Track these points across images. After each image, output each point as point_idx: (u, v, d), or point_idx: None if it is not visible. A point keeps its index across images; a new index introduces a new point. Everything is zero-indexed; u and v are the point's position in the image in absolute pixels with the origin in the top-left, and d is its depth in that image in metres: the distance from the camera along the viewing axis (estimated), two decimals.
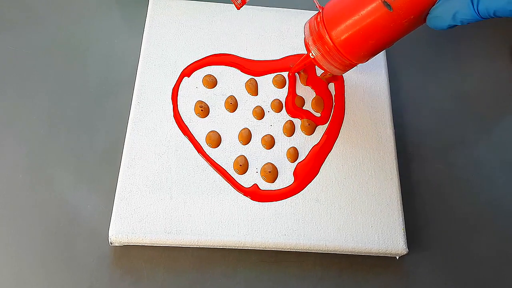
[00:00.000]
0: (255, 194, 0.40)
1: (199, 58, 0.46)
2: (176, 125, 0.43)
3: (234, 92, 0.45)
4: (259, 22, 0.48)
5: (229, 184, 0.40)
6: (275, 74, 0.46)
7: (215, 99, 0.44)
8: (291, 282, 0.39)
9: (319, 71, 0.47)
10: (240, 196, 0.40)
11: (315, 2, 0.38)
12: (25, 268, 0.38)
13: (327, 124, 0.44)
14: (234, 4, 0.40)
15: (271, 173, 0.41)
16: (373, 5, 0.34)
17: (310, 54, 0.39)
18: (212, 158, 0.42)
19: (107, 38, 0.49)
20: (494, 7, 0.29)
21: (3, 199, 0.41)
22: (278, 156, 0.42)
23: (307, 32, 0.39)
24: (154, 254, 0.39)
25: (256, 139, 0.43)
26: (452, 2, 0.31)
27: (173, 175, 0.40)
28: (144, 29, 0.47)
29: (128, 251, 0.39)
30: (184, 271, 0.39)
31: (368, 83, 0.46)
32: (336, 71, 0.40)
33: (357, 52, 0.37)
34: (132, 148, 0.41)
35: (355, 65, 0.39)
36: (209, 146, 0.42)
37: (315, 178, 0.41)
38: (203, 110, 0.43)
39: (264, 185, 0.41)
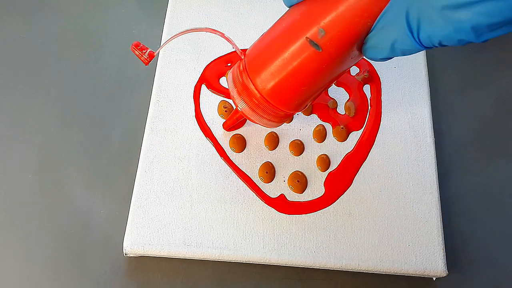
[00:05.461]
0: (281, 205, 0.37)
1: (224, 54, 0.42)
2: (198, 126, 0.39)
3: None
4: None
5: (253, 193, 0.37)
6: None
7: None
8: None
9: (353, 71, 0.43)
10: (266, 207, 0.37)
11: (235, 47, 0.33)
12: (33, 277, 0.36)
13: (361, 130, 0.40)
14: (141, 60, 0.34)
15: (300, 182, 0.38)
16: (298, 44, 0.28)
17: (238, 108, 0.33)
18: (236, 163, 0.38)
19: (125, 28, 0.46)
20: (439, 36, 0.24)
21: (11, 201, 0.38)
22: (307, 163, 0.39)
23: (231, 84, 0.33)
24: (172, 267, 0.36)
25: (284, 144, 0.39)
26: (387, 31, 0.26)
27: (193, 182, 0.37)
28: (165, 20, 0.44)
29: (144, 262, 0.36)
30: (202, 286, 0.36)
31: (407, 86, 0.42)
32: (271, 124, 0.34)
33: (290, 101, 0.31)
34: (150, 150, 0.38)
35: (293, 115, 0.34)
36: (233, 150, 0.39)
37: (348, 190, 0.38)
38: (227, 111, 0.40)
39: (292, 196, 0.38)
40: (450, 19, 0.23)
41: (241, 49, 0.34)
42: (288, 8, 0.30)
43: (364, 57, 0.29)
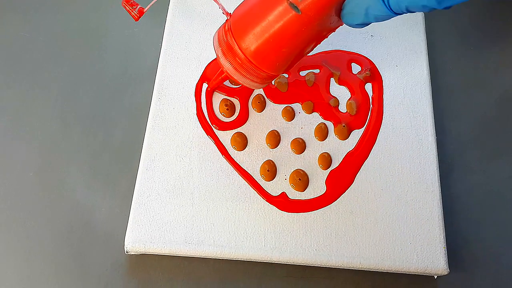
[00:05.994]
0: (283, 203, 0.37)
1: None
2: (199, 124, 0.39)
3: (262, 90, 0.41)
4: None
5: (255, 192, 0.37)
6: (307, 71, 0.42)
7: None
8: None
9: (355, 69, 0.43)
10: (267, 205, 0.37)
11: (221, 8, 0.34)
12: (34, 275, 0.36)
13: (363, 129, 0.40)
14: (131, 15, 0.34)
15: (301, 181, 0.38)
16: (280, 8, 0.30)
17: (223, 68, 0.34)
18: (237, 162, 0.38)
19: (126, 26, 0.46)
20: (405, 2, 0.26)
21: (12, 199, 0.38)
22: (309, 162, 0.39)
23: (216, 44, 0.34)
24: (172, 265, 0.36)
25: (285, 142, 0.39)
26: None
27: (195, 180, 0.37)
28: (167, 18, 0.44)
29: (145, 260, 0.36)
30: (204, 284, 0.36)
31: (408, 84, 0.42)
32: (253, 85, 0.35)
33: (272, 62, 0.33)
34: (151, 148, 0.38)
35: (275, 76, 0.35)
36: (234, 148, 0.39)
37: (349, 188, 0.38)
38: (228, 109, 0.40)
39: (293, 194, 0.38)
40: None
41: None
42: None
43: (343, 23, 0.31)
